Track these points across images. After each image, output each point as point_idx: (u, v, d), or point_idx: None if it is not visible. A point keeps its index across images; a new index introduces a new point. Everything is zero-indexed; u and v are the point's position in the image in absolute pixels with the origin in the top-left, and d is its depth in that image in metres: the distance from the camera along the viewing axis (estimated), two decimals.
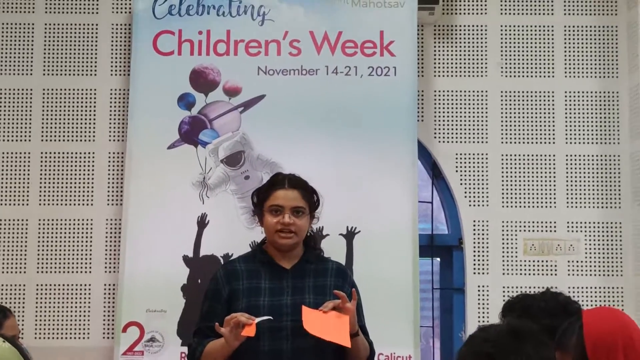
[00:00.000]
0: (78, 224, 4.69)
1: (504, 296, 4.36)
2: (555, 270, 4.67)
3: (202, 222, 4.41)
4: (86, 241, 4.68)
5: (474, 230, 4.72)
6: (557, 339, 2.36)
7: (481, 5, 4.84)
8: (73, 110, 4.77)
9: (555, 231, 4.70)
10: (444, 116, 4.78)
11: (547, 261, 4.68)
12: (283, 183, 3.16)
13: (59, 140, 4.75)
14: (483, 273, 4.68)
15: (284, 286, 3.13)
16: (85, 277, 4.65)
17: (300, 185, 3.17)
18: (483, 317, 4.55)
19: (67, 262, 4.67)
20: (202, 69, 4.55)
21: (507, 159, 4.75)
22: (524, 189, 4.73)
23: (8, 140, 4.74)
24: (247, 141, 4.49)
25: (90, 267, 4.66)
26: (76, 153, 4.74)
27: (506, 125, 4.76)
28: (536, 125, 4.76)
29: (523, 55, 4.80)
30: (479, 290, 4.66)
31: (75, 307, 4.64)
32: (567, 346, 2.31)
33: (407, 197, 4.40)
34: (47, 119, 4.76)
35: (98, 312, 4.61)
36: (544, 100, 4.78)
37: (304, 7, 4.57)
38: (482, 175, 4.75)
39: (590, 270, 4.67)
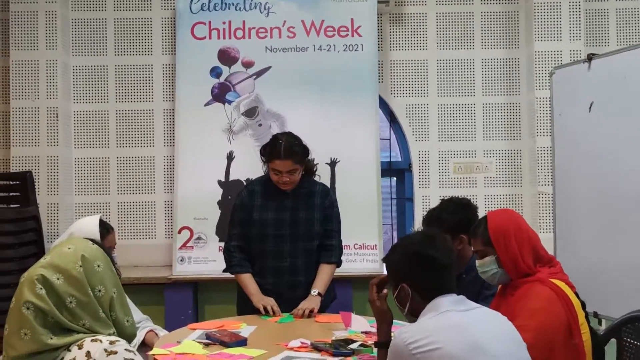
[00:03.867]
0: (144, 160, 4.68)
1: None
2: (475, 184, 4.68)
3: (230, 157, 4.40)
4: (150, 171, 4.68)
5: (419, 157, 4.71)
6: (470, 230, 2.41)
7: None
8: (137, 80, 4.70)
9: (475, 157, 4.69)
10: (397, 78, 4.72)
11: (469, 178, 4.69)
12: (279, 155, 2.96)
13: (128, 101, 4.69)
14: (426, 187, 4.69)
15: (285, 205, 3.09)
16: (151, 197, 4.66)
17: (292, 153, 2.98)
18: None
19: (138, 186, 4.67)
20: (226, 48, 4.48)
21: (441, 108, 4.72)
22: (454, 128, 4.71)
23: (93, 102, 4.68)
24: (260, 99, 4.45)
25: (154, 189, 4.66)
26: (141, 110, 4.69)
27: (441, 84, 4.72)
28: (461, 83, 4.72)
29: (452, 34, 4.72)
30: (423, 199, 4.68)
31: (145, 217, 4.66)
32: (477, 234, 2.40)
33: (372, 135, 4.39)
34: (119, 87, 4.70)
35: (161, 220, 4.64)
36: (467, 65, 4.72)
37: (297, 3, 4.48)
38: (424, 119, 4.72)
39: (500, 183, 4.69)
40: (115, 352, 1.68)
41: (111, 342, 1.70)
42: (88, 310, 1.73)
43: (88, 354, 1.67)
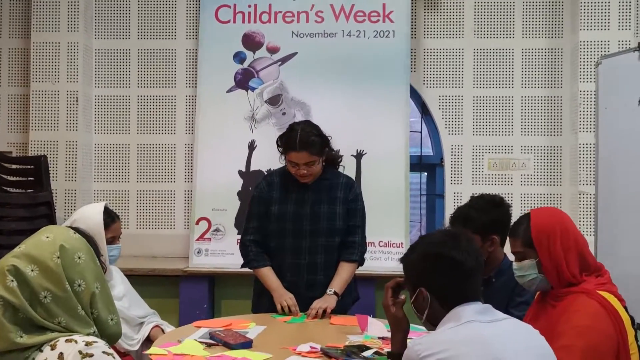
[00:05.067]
0: (164, 148, 4.54)
1: None
2: (511, 181, 4.41)
3: (251, 146, 4.23)
4: (171, 159, 4.54)
5: (452, 152, 4.46)
6: (510, 229, 2.17)
7: None
8: (160, 65, 4.55)
9: (512, 152, 4.42)
10: (430, 68, 4.47)
11: (505, 175, 4.42)
12: (295, 146, 2.76)
13: (150, 87, 4.55)
14: (458, 183, 4.44)
15: (306, 198, 2.88)
16: (170, 185, 4.52)
17: (309, 144, 2.76)
18: None
19: (158, 175, 4.54)
20: (251, 33, 4.30)
21: (477, 100, 4.45)
22: (489, 122, 4.44)
23: (114, 87, 4.55)
24: (284, 87, 4.26)
25: (174, 178, 4.52)
26: (163, 96, 4.55)
27: (477, 74, 4.45)
28: (499, 74, 4.45)
29: (490, 21, 4.45)
30: (454, 196, 4.44)
31: (164, 206, 4.53)
32: (517, 233, 2.15)
33: (402, 127, 4.16)
34: (141, 72, 4.56)
35: (180, 210, 4.50)
36: (506, 55, 4.45)
37: None
38: (458, 112, 4.47)
39: (537, 181, 4.41)
40: (91, 355, 1.50)
41: (87, 343, 1.52)
42: (65, 306, 1.55)
43: (61, 355, 1.49)
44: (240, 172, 4.20)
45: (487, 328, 1.59)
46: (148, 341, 2.75)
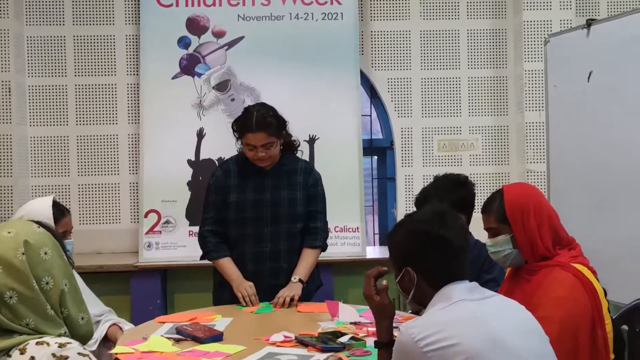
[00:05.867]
0: (107, 139, 4.34)
1: (424, 182, 4.13)
2: (461, 162, 4.45)
3: (200, 134, 4.10)
4: (114, 151, 4.34)
5: (402, 134, 4.45)
6: (483, 205, 2.16)
7: None
8: (98, 52, 4.34)
9: (460, 133, 4.46)
10: (378, 50, 4.44)
11: (454, 155, 4.45)
12: (251, 128, 2.67)
13: (89, 75, 4.33)
14: (409, 166, 4.44)
15: (265, 184, 2.81)
16: (114, 178, 4.32)
17: (265, 125, 2.68)
18: (409, 198, 4.33)
19: (100, 167, 4.34)
20: (195, 17, 4.15)
21: (425, 82, 4.45)
22: (438, 103, 4.46)
23: (49, 76, 4.31)
24: (232, 72, 4.14)
25: (118, 170, 4.33)
26: (102, 85, 4.34)
27: (424, 56, 4.45)
28: (446, 55, 4.46)
29: (436, 3, 4.45)
30: (405, 179, 4.44)
31: (109, 200, 4.33)
32: (490, 209, 2.14)
33: (353, 111, 4.13)
34: (78, 59, 4.33)
35: (126, 203, 4.31)
36: (452, 37, 4.46)
37: None
38: (407, 94, 4.45)
39: (486, 161, 4.47)
40: (66, 357, 1.39)
41: (61, 345, 1.40)
42: (33, 306, 1.43)
43: (32, 359, 1.37)
44: (189, 162, 4.06)
45: (479, 306, 1.57)
46: (106, 340, 2.62)
